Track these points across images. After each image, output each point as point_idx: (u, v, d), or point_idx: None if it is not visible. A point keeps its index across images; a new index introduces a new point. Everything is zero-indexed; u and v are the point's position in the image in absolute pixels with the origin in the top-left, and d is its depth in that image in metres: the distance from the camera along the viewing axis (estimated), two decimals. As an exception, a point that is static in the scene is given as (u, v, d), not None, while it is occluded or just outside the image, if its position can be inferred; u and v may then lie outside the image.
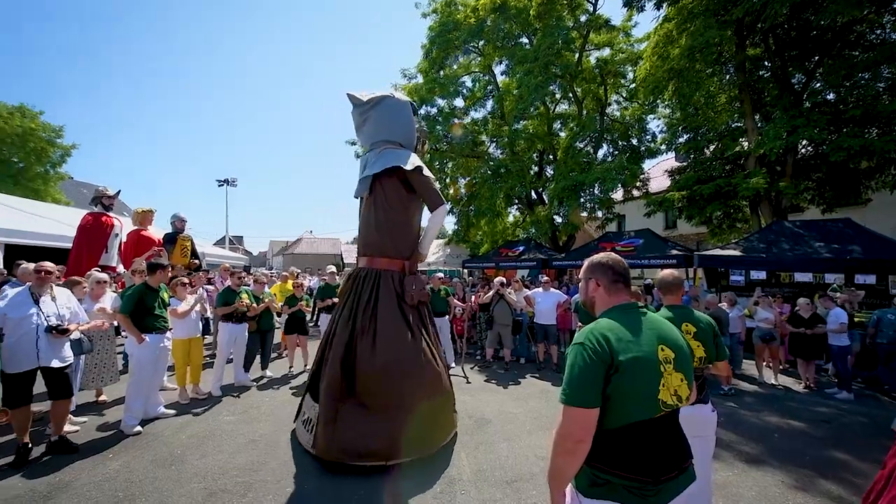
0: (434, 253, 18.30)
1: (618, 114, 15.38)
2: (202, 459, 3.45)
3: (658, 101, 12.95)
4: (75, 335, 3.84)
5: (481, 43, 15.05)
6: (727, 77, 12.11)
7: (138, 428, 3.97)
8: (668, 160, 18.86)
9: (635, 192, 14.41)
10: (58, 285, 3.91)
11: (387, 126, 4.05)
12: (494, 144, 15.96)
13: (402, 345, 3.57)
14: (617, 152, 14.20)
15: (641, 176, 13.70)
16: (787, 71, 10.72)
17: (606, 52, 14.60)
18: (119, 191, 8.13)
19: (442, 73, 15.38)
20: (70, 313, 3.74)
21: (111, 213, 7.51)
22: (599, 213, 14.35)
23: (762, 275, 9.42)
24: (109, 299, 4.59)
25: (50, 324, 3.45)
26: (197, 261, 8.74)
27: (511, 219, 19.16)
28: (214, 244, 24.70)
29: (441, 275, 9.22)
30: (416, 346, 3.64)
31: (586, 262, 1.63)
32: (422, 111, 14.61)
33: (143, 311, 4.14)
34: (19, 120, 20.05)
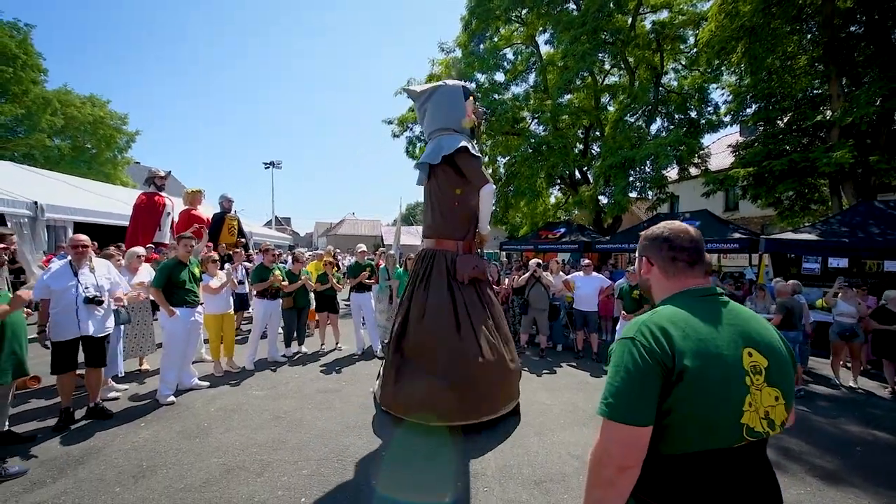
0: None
1: (675, 83, 13.91)
2: (226, 434, 3.47)
3: (723, 66, 11.54)
4: (114, 306, 3.97)
5: (524, 11, 14.09)
6: (808, 36, 10.54)
7: (172, 398, 4.09)
8: (732, 135, 17.09)
9: (692, 171, 13.06)
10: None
11: (442, 115, 4.22)
12: (536, 120, 15.08)
13: (444, 320, 3.80)
14: (672, 126, 12.89)
15: (700, 151, 12.41)
16: (886, 25, 9.13)
17: (664, 14, 13.13)
18: (169, 171, 8.47)
19: (482, 46, 14.63)
20: (110, 283, 3.84)
21: (163, 193, 7.88)
22: (650, 194, 13.25)
23: (843, 262, 8.27)
24: (147, 273, 4.73)
25: (87, 295, 3.56)
26: (243, 239, 9.05)
27: (552, 200, 18.27)
28: (264, 225, 25.84)
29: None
30: (461, 322, 3.78)
31: (640, 236, 1.26)
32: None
33: (173, 286, 4.21)
34: (90, 109, 21.77)
